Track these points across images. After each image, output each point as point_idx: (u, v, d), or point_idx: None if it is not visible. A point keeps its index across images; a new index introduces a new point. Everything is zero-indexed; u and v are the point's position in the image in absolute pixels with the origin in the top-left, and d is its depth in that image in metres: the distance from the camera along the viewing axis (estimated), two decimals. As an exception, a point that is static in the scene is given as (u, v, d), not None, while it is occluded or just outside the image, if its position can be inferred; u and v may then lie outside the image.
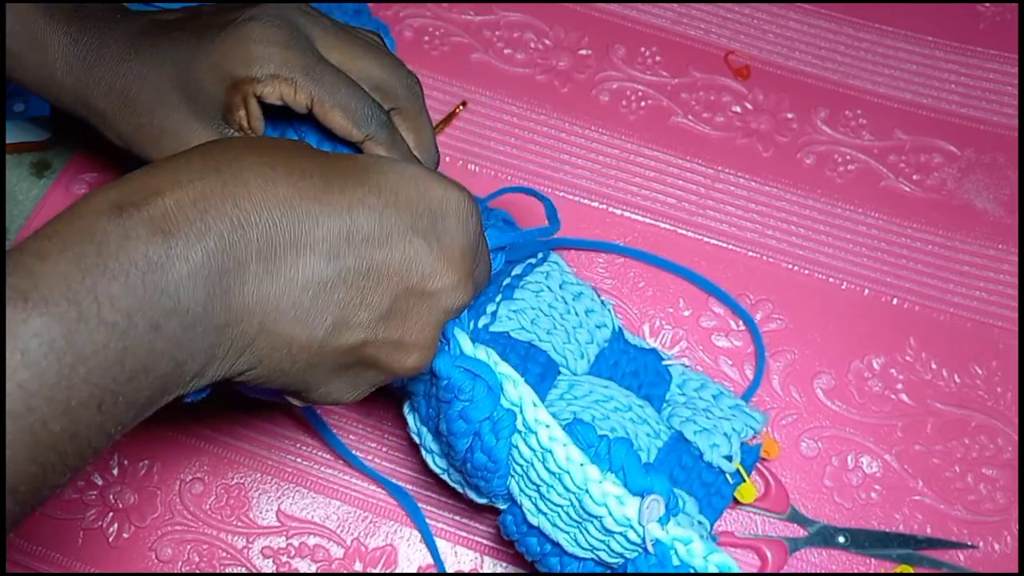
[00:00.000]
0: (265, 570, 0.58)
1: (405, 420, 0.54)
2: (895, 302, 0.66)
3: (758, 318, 0.65)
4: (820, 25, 0.74)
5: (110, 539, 0.59)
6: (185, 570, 0.58)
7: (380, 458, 0.61)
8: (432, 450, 0.52)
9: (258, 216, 0.35)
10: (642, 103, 0.71)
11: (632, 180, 0.69)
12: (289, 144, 0.38)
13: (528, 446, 0.47)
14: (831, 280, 0.67)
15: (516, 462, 0.48)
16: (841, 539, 0.60)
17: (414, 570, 0.59)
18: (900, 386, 0.64)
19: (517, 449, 0.47)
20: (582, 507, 0.46)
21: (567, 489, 0.46)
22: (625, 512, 0.45)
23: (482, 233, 0.42)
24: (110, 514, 0.59)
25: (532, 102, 0.71)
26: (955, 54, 0.73)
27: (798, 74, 0.72)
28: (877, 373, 0.64)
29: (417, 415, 0.52)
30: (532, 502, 0.49)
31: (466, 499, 0.53)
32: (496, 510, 0.54)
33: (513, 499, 0.50)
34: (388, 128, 0.49)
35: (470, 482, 0.50)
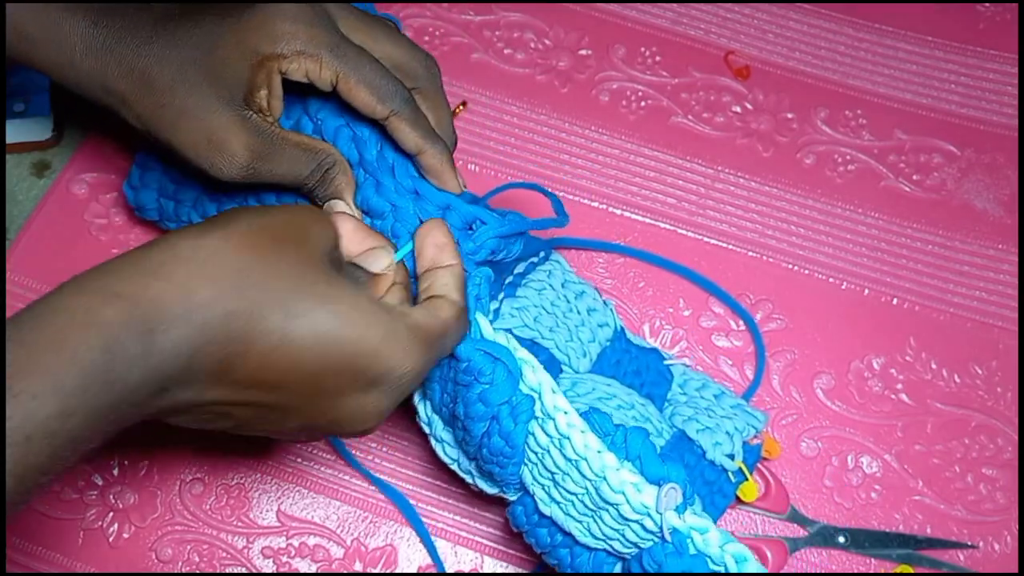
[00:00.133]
0: (265, 570, 0.58)
1: (406, 419, 0.54)
2: (895, 302, 0.66)
3: (758, 318, 0.65)
4: (820, 25, 0.74)
5: (110, 539, 0.59)
6: (185, 570, 0.58)
7: (380, 458, 0.61)
8: (443, 439, 0.52)
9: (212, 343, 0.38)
10: (642, 103, 0.71)
11: (632, 180, 0.69)
12: (268, 281, 0.39)
13: (545, 433, 0.47)
14: (831, 280, 0.67)
15: (532, 449, 0.48)
16: (841, 539, 0.60)
17: (414, 570, 0.59)
18: (900, 386, 0.64)
19: (533, 436, 0.47)
20: (599, 495, 0.46)
21: (583, 476, 0.46)
22: (643, 499, 0.45)
23: (429, 370, 0.44)
24: (110, 514, 0.59)
25: (532, 102, 0.71)
26: (955, 54, 0.73)
27: (798, 74, 0.72)
28: (877, 373, 0.64)
29: (429, 403, 0.52)
30: (545, 491, 0.49)
31: (473, 492, 0.53)
32: (499, 507, 0.54)
33: (525, 488, 0.50)
34: (411, 105, 0.50)
35: (483, 469, 0.50)
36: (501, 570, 0.59)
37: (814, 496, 0.61)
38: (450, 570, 0.59)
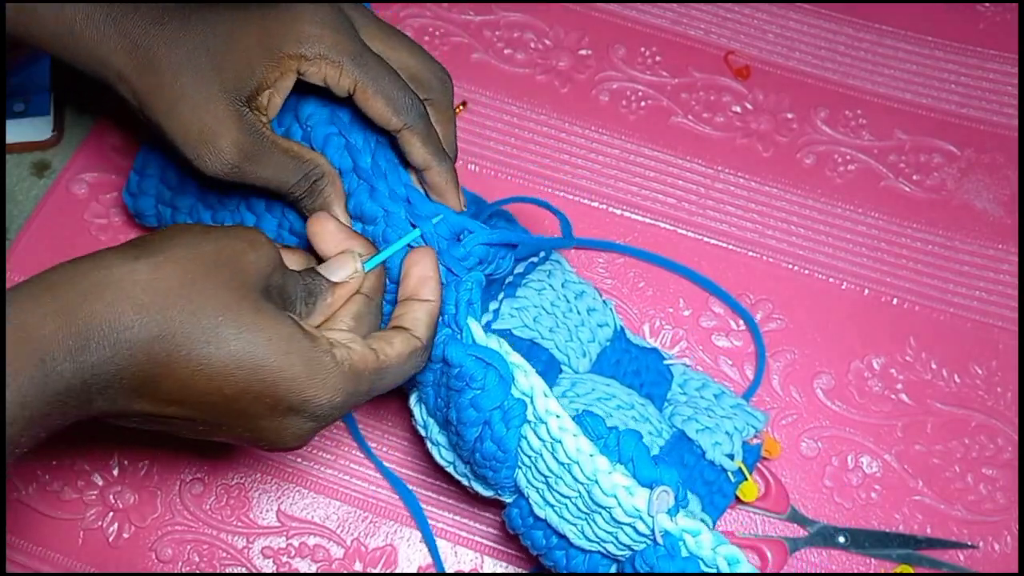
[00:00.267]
0: (265, 570, 0.58)
1: (408, 416, 0.54)
2: (895, 302, 0.66)
3: (758, 318, 0.65)
4: (820, 25, 0.74)
5: (110, 539, 0.59)
6: (185, 570, 0.58)
7: (381, 457, 0.61)
8: (438, 442, 0.52)
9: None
10: (642, 103, 0.71)
11: (632, 180, 0.69)
12: (194, 307, 0.40)
13: (538, 436, 0.47)
14: (831, 280, 0.67)
15: (525, 453, 0.48)
16: (841, 539, 0.60)
17: (414, 570, 0.59)
18: (900, 386, 0.64)
19: (526, 440, 0.47)
20: (591, 498, 0.46)
21: (576, 480, 0.46)
22: (635, 503, 0.45)
23: (359, 401, 0.45)
24: (110, 514, 0.59)
25: (532, 102, 0.71)
26: (955, 54, 0.73)
27: (798, 74, 0.72)
28: (877, 373, 0.64)
29: (424, 407, 0.52)
30: (539, 494, 0.49)
31: (470, 494, 0.53)
32: (498, 508, 0.54)
33: (520, 491, 0.50)
34: (425, 120, 0.50)
35: (477, 473, 0.50)
36: (501, 570, 0.59)
37: (814, 496, 0.61)
38: (450, 570, 0.59)
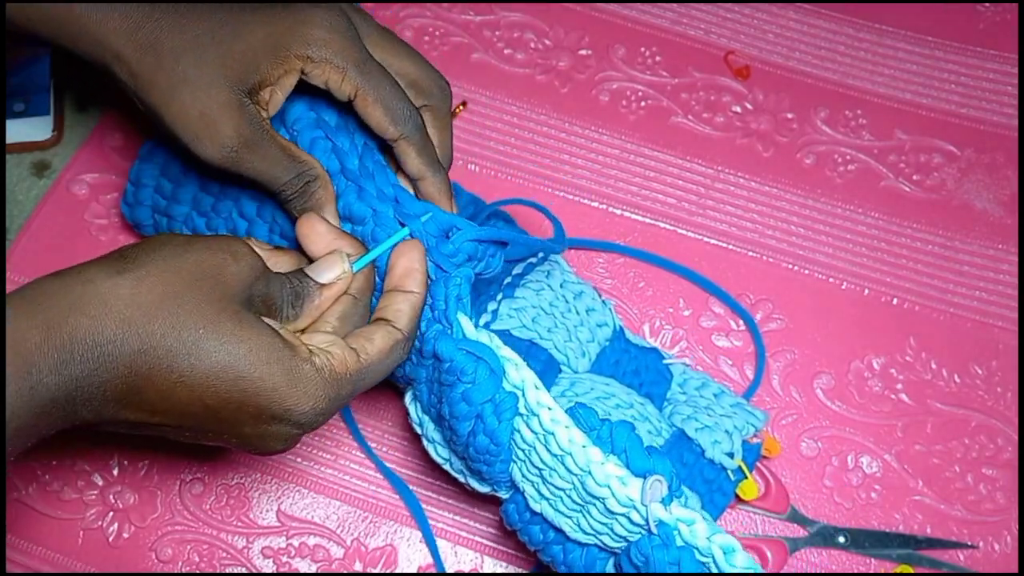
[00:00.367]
0: (265, 570, 0.58)
1: (405, 416, 0.54)
2: (895, 302, 0.66)
3: (758, 318, 0.65)
4: (820, 25, 0.74)
5: (110, 539, 0.59)
6: (185, 570, 0.58)
7: (381, 457, 0.61)
8: (434, 439, 0.52)
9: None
10: (642, 103, 0.71)
11: (632, 180, 0.69)
12: (175, 321, 0.41)
13: (530, 429, 0.47)
14: (831, 280, 0.67)
15: (518, 446, 0.48)
16: (841, 539, 0.60)
17: (414, 570, 0.59)
18: (900, 386, 0.64)
19: (519, 433, 0.48)
20: (585, 489, 0.46)
21: (569, 471, 0.46)
22: (628, 493, 0.45)
23: (342, 404, 0.45)
24: (110, 514, 0.59)
25: (532, 102, 0.71)
26: (955, 54, 0.73)
27: (798, 74, 0.72)
28: (877, 373, 0.64)
29: (419, 404, 0.52)
30: (534, 488, 0.49)
31: (468, 491, 0.53)
32: (497, 506, 0.54)
33: (515, 486, 0.50)
34: (421, 132, 0.51)
35: (472, 468, 0.50)
36: (501, 570, 0.59)
37: (814, 496, 0.61)
38: (450, 570, 0.59)
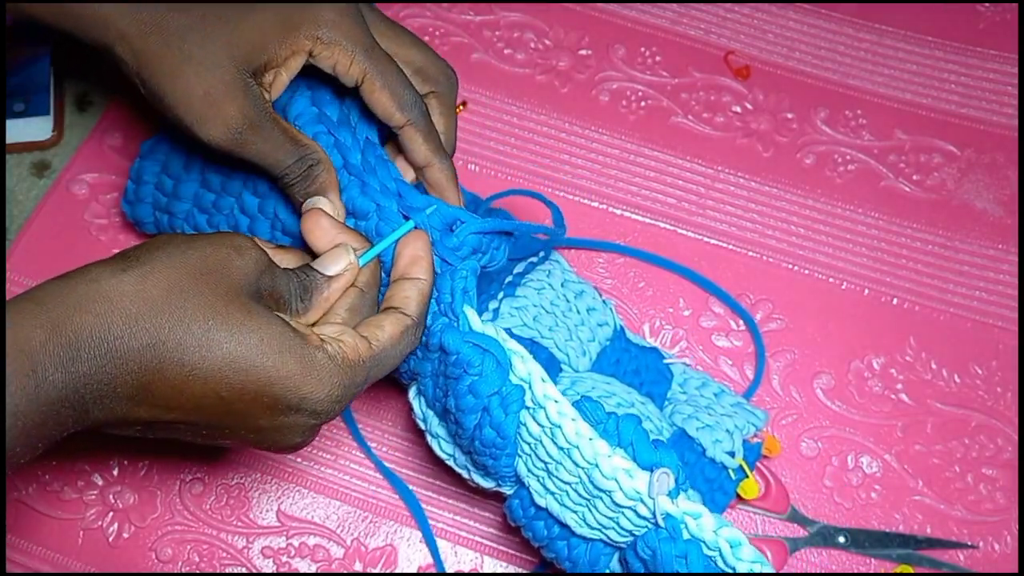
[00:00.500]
0: (265, 570, 0.58)
1: (408, 415, 0.54)
2: (895, 302, 0.66)
3: (758, 318, 0.65)
4: (820, 25, 0.74)
5: (110, 539, 0.59)
6: (185, 570, 0.58)
7: (381, 457, 0.61)
8: (438, 435, 0.52)
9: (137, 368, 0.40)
10: (642, 103, 0.71)
11: (632, 180, 0.69)
12: (183, 314, 0.41)
13: (537, 422, 0.47)
14: (831, 280, 0.67)
15: (524, 440, 0.48)
16: (841, 539, 0.60)
17: (414, 570, 0.59)
18: (900, 386, 0.64)
19: (525, 426, 0.48)
20: (592, 483, 0.46)
21: (576, 465, 0.46)
22: (635, 485, 0.45)
23: (357, 391, 0.45)
24: (110, 514, 0.59)
25: (532, 102, 0.71)
26: (955, 54, 0.73)
27: (798, 74, 0.72)
28: (877, 373, 0.64)
29: (423, 399, 0.52)
30: (540, 482, 0.49)
31: (470, 488, 0.53)
32: (498, 504, 0.54)
33: (520, 481, 0.50)
34: (427, 118, 0.52)
35: (477, 463, 0.50)
36: (501, 570, 0.59)
37: (814, 496, 0.61)
38: (450, 570, 0.59)
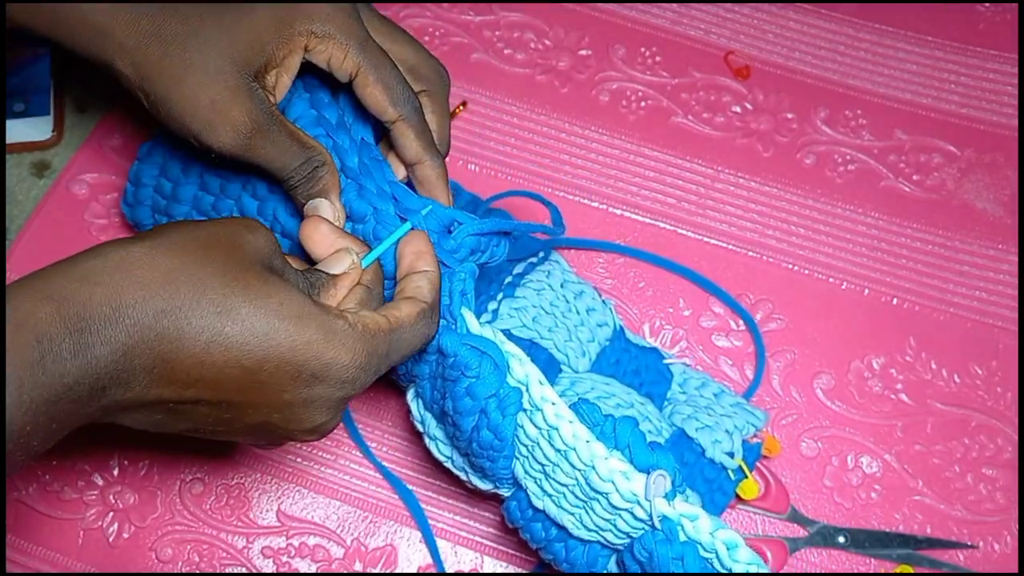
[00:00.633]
0: (265, 570, 0.58)
1: (407, 415, 0.54)
2: (895, 302, 0.66)
3: (758, 318, 0.65)
4: (820, 25, 0.74)
5: (110, 539, 0.59)
6: (185, 570, 0.58)
7: (380, 457, 0.61)
8: (436, 437, 0.52)
9: (145, 354, 0.39)
10: (642, 103, 0.71)
11: (632, 180, 0.69)
12: (196, 282, 0.40)
13: (534, 424, 0.47)
14: (831, 280, 0.67)
15: (521, 442, 0.48)
16: (841, 539, 0.60)
17: (414, 570, 0.59)
18: (900, 386, 0.64)
19: (523, 428, 0.48)
20: (588, 484, 0.46)
21: (573, 467, 0.46)
22: (631, 488, 0.45)
23: (380, 364, 0.44)
24: (110, 514, 0.59)
25: (532, 102, 0.71)
26: (955, 54, 0.73)
27: (798, 74, 0.72)
28: (877, 373, 0.64)
29: (421, 401, 0.52)
30: (537, 484, 0.49)
31: (468, 490, 0.53)
32: (497, 505, 0.54)
33: (518, 483, 0.50)
34: (420, 115, 0.51)
35: (475, 465, 0.50)
36: (501, 570, 0.59)
37: (814, 496, 0.61)
38: (450, 570, 0.59)
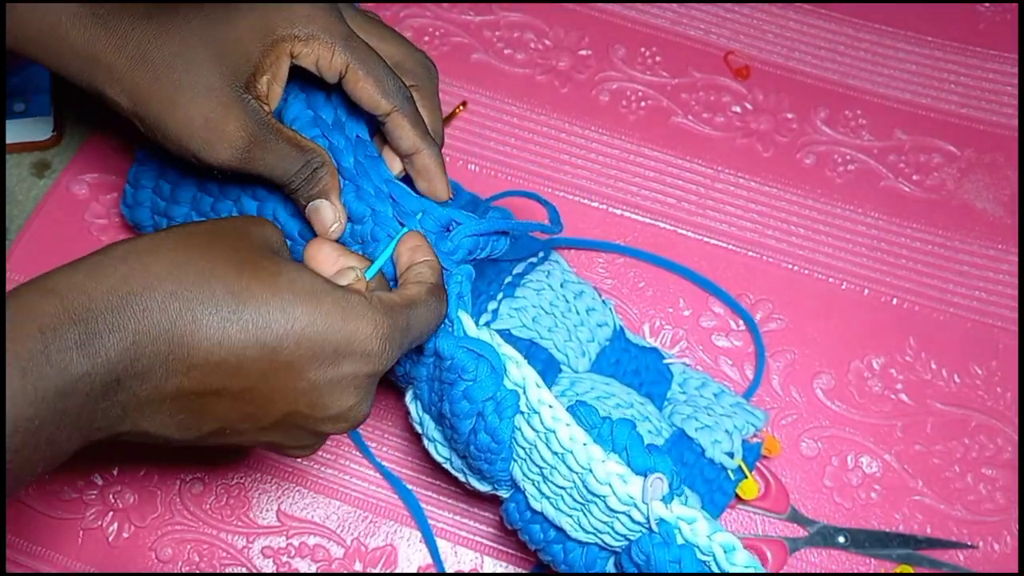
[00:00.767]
0: (265, 570, 0.58)
1: (404, 416, 0.54)
2: (895, 302, 0.66)
3: (758, 318, 0.65)
4: (820, 25, 0.74)
5: (110, 539, 0.59)
6: (185, 570, 0.58)
7: (380, 458, 0.61)
8: (434, 438, 0.52)
9: (154, 345, 0.38)
10: (642, 103, 0.71)
11: (632, 180, 0.69)
12: (205, 266, 0.39)
13: (531, 427, 0.47)
14: (831, 280, 0.67)
15: (519, 444, 0.48)
16: (841, 539, 0.60)
17: (414, 570, 0.59)
18: (900, 386, 0.64)
19: (520, 431, 0.48)
20: (586, 487, 0.46)
21: (570, 470, 0.46)
22: (628, 491, 0.45)
23: (403, 339, 0.43)
24: (110, 514, 0.59)
25: (532, 102, 0.71)
26: (955, 54, 0.73)
27: (798, 74, 0.72)
28: (877, 373, 0.64)
29: (419, 403, 0.52)
30: (535, 486, 0.49)
31: (468, 490, 0.53)
32: (496, 507, 0.54)
33: (516, 485, 0.50)
34: (412, 105, 0.51)
35: (473, 467, 0.50)
36: (501, 570, 0.59)
37: (814, 496, 0.61)
38: (450, 570, 0.59)
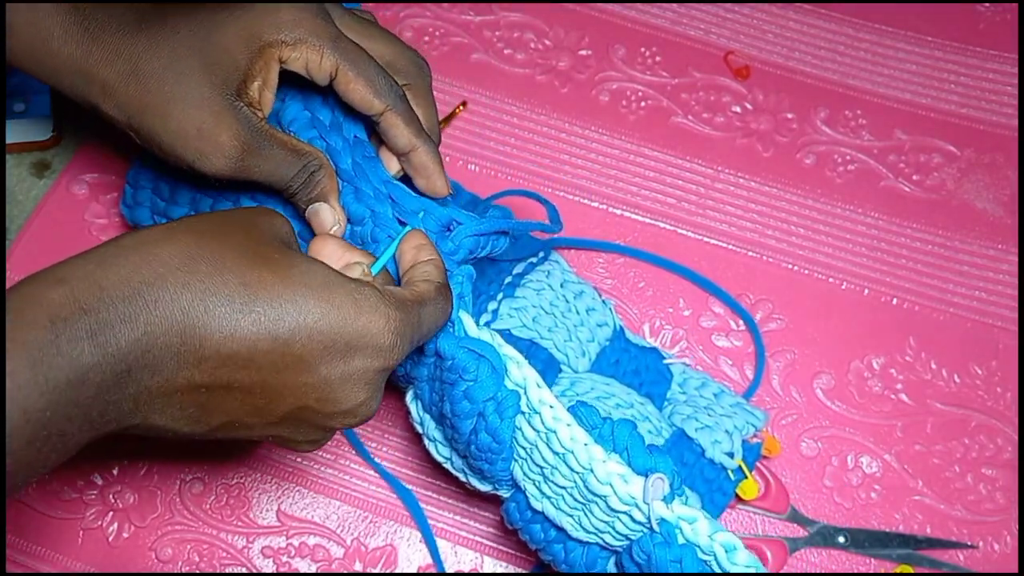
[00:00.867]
0: (265, 570, 0.58)
1: (406, 415, 0.54)
2: (895, 302, 0.66)
3: (758, 318, 0.65)
4: (820, 25, 0.74)
5: (110, 539, 0.59)
6: (185, 570, 0.58)
7: (380, 458, 0.61)
8: (435, 438, 0.52)
9: (165, 336, 0.38)
10: (642, 103, 0.71)
11: (632, 180, 0.69)
12: (216, 257, 0.39)
13: (532, 427, 0.47)
14: (831, 280, 0.67)
15: (520, 444, 0.48)
16: (841, 539, 0.60)
17: (414, 570, 0.59)
18: (900, 386, 0.64)
19: (521, 431, 0.48)
20: (587, 487, 0.46)
21: (571, 470, 0.46)
22: (630, 491, 0.45)
23: (414, 334, 0.43)
24: (110, 514, 0.59)
25: (532, 102, 0.71)
26: (955, 54, 0.73)
27: (798, 74, 0.72)
28: (877, 373, 0.64)
29: (420, 403, 0.52)
30: (536, 486, 0.49)
31: (468, 490, 0.53)
32: (497, 505, 0.54)
33: (517, 485, 0.50)
34: (405, 103, 0.51)
35: (473, 467, 0.50)
36: (501, 570, 0.59)
37: (814, 496, 0.61)
38: (450, 570, 0.59)
